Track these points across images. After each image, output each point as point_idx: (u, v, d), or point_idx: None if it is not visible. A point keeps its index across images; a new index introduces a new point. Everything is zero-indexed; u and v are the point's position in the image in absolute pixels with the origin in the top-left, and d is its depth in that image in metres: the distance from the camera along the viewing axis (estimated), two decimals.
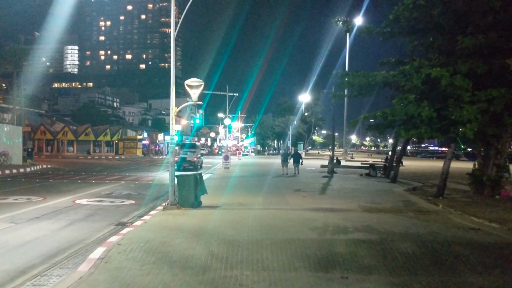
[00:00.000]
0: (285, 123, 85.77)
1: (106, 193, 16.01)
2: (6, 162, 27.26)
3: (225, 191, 15.96)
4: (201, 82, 11.39)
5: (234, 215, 10.44)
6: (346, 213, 11.02)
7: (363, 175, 25.77)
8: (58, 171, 27.99)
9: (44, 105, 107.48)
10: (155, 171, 30.00)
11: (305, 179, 22.51)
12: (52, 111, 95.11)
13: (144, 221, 9.71)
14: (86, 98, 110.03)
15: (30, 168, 27.46)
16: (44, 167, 29.92)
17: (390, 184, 20.60)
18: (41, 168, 29.16)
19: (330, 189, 17.12)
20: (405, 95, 15.74)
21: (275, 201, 13.23)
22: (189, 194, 11.42)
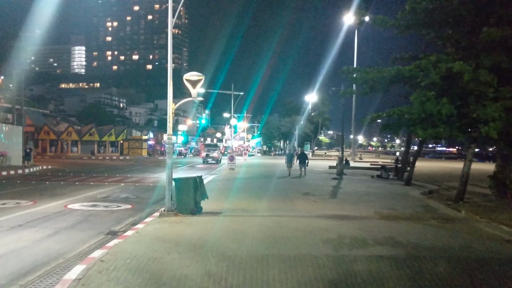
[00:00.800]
0: (291, 123, 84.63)
1: (103, 197, 15.02)
2: (4, 162, 26.44)
3: (229, 195, 14.89)
4: (201, 76, 10.34)
5: (237, 224, 9.36)
6: (362, 221, 9.90)
7: (375, 176, 24.58)
8: (57, 172, 27.11)
9: (51, 105, 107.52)
10: (158, 172, 29.02)
11: (313, 181, 21.38)
12: (58, 112, 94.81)
13: (136, 230, 8.68)
14: (92, 98, 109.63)
15: (29, 169, 26.60)
16: (44, 168, 29.06)
17: (405, 186, 19.42)
18: (40, 169, 28.29)
19: (341, 193, 15.98)
20: (423, 91, 14.63)
21: (282, 207, 12.13)
22: (188, 200, 10.37)
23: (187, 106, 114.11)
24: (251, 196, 14.67)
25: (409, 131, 17.99)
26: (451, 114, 13.52)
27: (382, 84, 16.95)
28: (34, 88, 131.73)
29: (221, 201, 13.11)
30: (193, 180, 10.43)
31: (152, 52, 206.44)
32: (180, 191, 10.40)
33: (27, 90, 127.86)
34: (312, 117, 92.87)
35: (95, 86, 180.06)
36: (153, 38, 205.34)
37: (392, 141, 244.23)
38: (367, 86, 17.43)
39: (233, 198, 13.89)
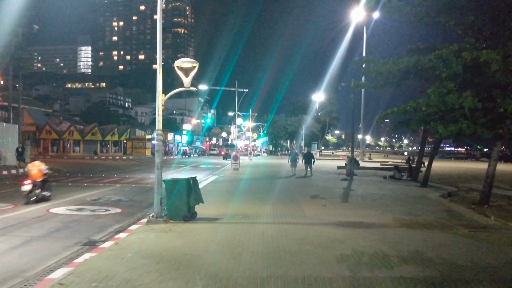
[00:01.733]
0: (298, 122, 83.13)
1: (92, 199, 13.79)
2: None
3: (229, 198, 13.58)
4: (195, 63, 9.05)
5: (235, 233, 8.03)
6: (381, 230, 8.53)
7: (387, 177, 23.14)
8: (54, 172, 25.95)
9: (56, 105, 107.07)
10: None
11: (322, 182, 20.01)
12: (64, 111, 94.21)
13: (116, 241, 7.40)
14: (97, 98, 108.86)
15: (24, 169, 25.43)
16: None
17: (421, 188, 17.99)
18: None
19: (354, 196, 14.59)
20: (443, 83, 13.22)
21: (288, 212, 10.78)
22: (180, 204, 9.08)
23: (192, 105, 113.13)
24: (254, 199, 13.35)
25: (427, 129, 16.57)
26: (475, 108, 12.14)
27: (397, 77, 15.56)
28: (40, 88, 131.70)
29: (221, 205, 11.81)
30: (186, 182, 9.13)
31: None
32: (171, 194, 9.11)
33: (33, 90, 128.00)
34: (320, 116, 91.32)
35: (101, 86, 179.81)
36: None
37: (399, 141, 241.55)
38: (381, 78, 16.06)
39: (234, 202, 12.58)
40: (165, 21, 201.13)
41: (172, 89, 9.83)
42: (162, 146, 9.25)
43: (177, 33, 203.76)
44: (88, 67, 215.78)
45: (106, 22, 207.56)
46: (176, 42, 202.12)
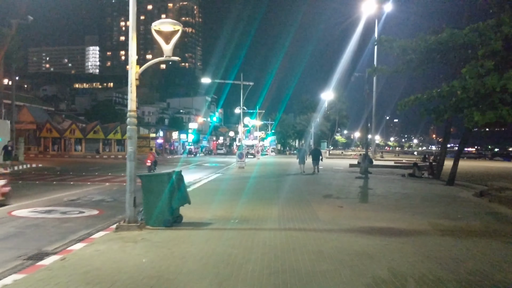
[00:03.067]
0: (307, 121, 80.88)
1: (71, 199, 11.94)
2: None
3: (228, 197, 11.64)
4: (178, 25, 7.12)
5: (227, 244, 6.06)
6: (419, 240, 6.50)
7: (406, 175, 21.01)
8: (45, 170, 24.28)
9: (62, 104, 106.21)
10: (160, 170, 25.95)
11: (334, 180, 17.96)
12: (70, 111, 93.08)
13: (65, 255, 5.48)
14: (103, 97, 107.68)
15: (13, 168, 23.73)
16: (32, 166, 26.30)
17: (447, 187, 15.87)
18: (27, 167, 25.54)
19: (373, 195, 12.52)
20: (479, 62, 11.16)
21: (298, 215, 8.77)
22: (161, 205, 7.14)
23: (199, 104, 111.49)
24: (257, 199, 11.38)
25: (449, 120, 14.46)
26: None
27: (423, 57, 13.49)
28: (48, 88, 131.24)
29: (216, 206, 9.87)
30: (168, 178, 7.19)
31: None
32: (149, 192, 7.19)
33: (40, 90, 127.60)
34: (329, 114, 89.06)
35: (109, 86, 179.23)
36: None
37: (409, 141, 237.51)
38: (403, 60, 14.02)
39: (234, 202, 10.61)
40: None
41: (180, 87, 7.84)
42: (135, 131, 7.31)
43: (185, 32, 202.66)
44: (96, 67, 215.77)
45: (114, 22, 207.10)
46: (184, 42, 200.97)
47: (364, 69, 25.10)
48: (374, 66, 14.22)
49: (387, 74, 14.30)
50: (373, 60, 36.17)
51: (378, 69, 14.23)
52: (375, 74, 14.07)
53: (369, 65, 24.29)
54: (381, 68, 14.37)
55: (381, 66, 14.41)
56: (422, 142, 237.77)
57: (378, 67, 14.26)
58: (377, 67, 14.24)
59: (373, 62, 25.91)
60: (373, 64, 25.07)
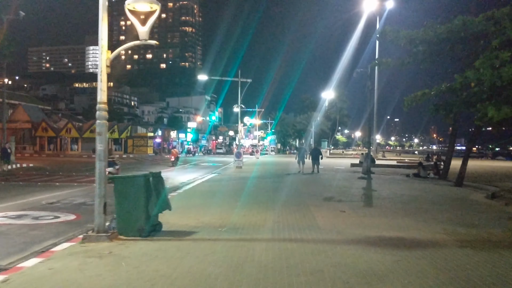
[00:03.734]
0: (307, 120, 79.87)
1: (49, 202, 10.98)
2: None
3: (221, 200, 10.67)
4: (155, 4, 6.14)
5: (209, 260, 5.07)
6: (437, 253, 5.52)
7: (411, 175, 20.04)
8: (35, 171, 23.34)
9: (61, 103, 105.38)
10: (152, 170, 25.00)
11: (335, 181, 16.98)
12: (68, 110, 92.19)
13: (9, 275, 4.51)
14: None
15: (2, 169, 22.79)
16: (22, 166, 25.34)
17: (456, 188, 14.88)
18: (18, 167, 24.58)
19: (378, 198, 11.53)
20: (494, 53, 10.18)
21: (295, 221, 7.79)
22: (136, 212, 6.17)
23: (199, 103, 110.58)
24: (252, 202, 10.40)
25: (467, 113, 13.49)
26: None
27: (431, 49, 12.51)
28: (47, 87, 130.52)
29: (205, 211, 8.89)
30: (144, 180, 6.21)
31: (166, 51, 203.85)
32: (123, 198, 6.22)
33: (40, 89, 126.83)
34: (330, 113, 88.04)
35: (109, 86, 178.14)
36: (166, 36, 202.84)
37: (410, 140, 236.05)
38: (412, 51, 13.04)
39: (225, 206, 9.65)
40: (173, 20, 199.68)
41: (180, 87, 6.86)
42: (106, 126, 6.31)
43: (185, 31, 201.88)
44: (96, 67, 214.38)
45: (114, 21, 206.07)
46: (184, 41, 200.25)
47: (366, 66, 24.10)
48: (378, 59, 13.22)
49: (392, 67, 13.33)
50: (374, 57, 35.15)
51: (382, 62, 13.25)
52: (379, 67, 13.10)
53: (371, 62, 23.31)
54: (386, 61, 13.39)
55: (385, 59, 13.43)
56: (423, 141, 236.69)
57: (383, 60, 13.29)
58: (381, 60, 13.27)
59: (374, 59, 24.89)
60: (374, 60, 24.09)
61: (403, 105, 12.98)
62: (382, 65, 13.18)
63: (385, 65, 13.22)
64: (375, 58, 25.39)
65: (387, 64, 13.33)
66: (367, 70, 23.12)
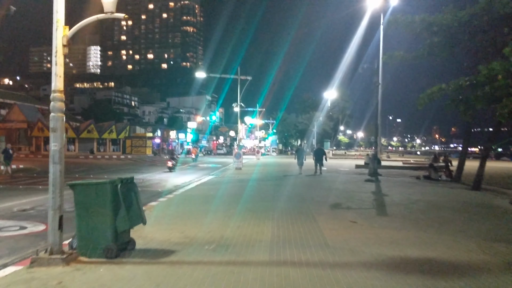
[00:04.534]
0: (309, 120, 78.64)
1: (22, 209, 9.80)
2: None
3: (214, 207, 9.43)
4: None
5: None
6: (479, 281, 4.28)
7: (421, 178, 18.78)
8: (23, 172, 22.21)
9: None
10: (148, 172, 23.82)
11: (341, 184, 15.73)
12: (68, 110, 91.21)
13: None
14: (102, 96, 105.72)
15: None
16: (12, 167, 24.17)
17: (474, 192, 13.60)
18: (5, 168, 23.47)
19: (392, 204, 10.26)
20: None
21: (298, 235, 6.55)
22: (100, 228, 4.96)
23: (199, 103, 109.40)
24: (249, 209, 9.16)
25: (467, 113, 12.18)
26: None
27: (450, 38, 11.26)
28: (48, 88, 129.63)
29: (194, 220, 7.66)
30: (110, 188, 4.98)
31: (167, 51, 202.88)
32: (85, 210, 5.01)
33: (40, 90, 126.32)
34: (332, 113, 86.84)
35: (110, 86, 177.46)
36: (168, 36, 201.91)
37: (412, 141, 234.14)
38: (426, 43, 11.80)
39: (219, 214, 8.41)
40: (174, 20, 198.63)
41: (181, 87, 5.63)
42: (62, 120, 5.04)
43: (186, 31, 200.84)
44: (97, 67, 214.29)
45: (115, 21, 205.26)
46: (185, 41, 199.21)
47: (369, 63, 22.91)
48: (390, 53, 11.99)
49: (406, 60, 12.10)
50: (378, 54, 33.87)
51: (395, 56, 12.00)
52: (392, 61, 11.87)
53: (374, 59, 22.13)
54: (398, 54, 12.14)
55: (398, 52, 12.18)
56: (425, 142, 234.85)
57: (395, 53, 12.03)
58: (393, 53, 12.03)
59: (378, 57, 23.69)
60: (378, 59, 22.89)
61: (417, 103, 11.75)
62: (395, 59, 11.94)
63: (398, 59, 11.98)
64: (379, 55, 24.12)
65: (400, 57, 12.09)
66: (373, 66, 21.93)
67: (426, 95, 11.41)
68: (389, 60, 12.02)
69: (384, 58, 11.96)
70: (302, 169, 21.28)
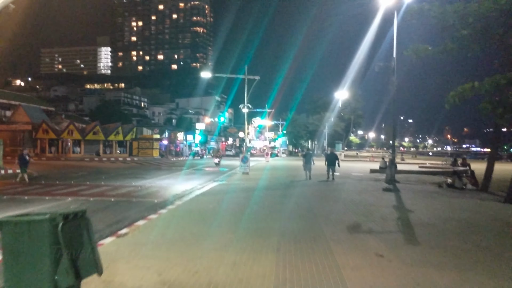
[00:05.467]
0: (320, 120, 76.95)
1: None
2: None
3: (209, 230, 8.00)
4: None
5: None
6: None
7: (444, 186, 17.16)
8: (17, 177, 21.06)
9: (71, 105, 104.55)
10: (153, 176, 22.56)
11: (357, 194, 14.18)
12: (77, 111, 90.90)
13: None
14: (111, 97, 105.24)
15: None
16: (8, 172, 23.23)
17: (509, 206, 11.97)
18: (3, 174, 22.49)
19: (420, 225, 8.67)
20: None
21: (311, 279, 5.08)
22: (34, 282, 3.56)
23: (208, 104, 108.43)
24: (250, 233, 7.71)
25: None
26: None
27: (489, 26, 9.69)
28: (58, 89, 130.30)
29: (180, 252, 6.23)
30: (49, 228, 3.57)
31: (177, 51, 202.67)
32: (14, 258, 3.61)
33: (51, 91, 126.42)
34: (343, 114, 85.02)
35: (120, 87, 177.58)
36: (178, 37, 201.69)
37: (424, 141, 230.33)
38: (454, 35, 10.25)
39: (212, 242, 6.98)
40: (184, 21, 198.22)
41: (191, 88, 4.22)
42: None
43: (196, 32, 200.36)
44: (107, 68, 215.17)
45: (125, 22, 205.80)
46: (195, 42, 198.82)
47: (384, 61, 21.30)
48: (414, 46, 10.47)
49: (432, 54, 10.57)
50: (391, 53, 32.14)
51: (420, 49, 10.47)
52: (417, 56, 10.35)
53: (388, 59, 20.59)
54: (423, 47, 10.60)
55: (423, 46, 10.65)
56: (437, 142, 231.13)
57: (420, 47, 10.50)
58: (418, 47, 10.49)
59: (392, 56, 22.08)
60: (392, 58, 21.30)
61: (446, 102, 10.20)
62: (419, 53, 10.42)
63: (422, 53, 10.46)
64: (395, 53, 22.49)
65: (424, 51, 10.56)
66: (388, 64, 20.37)
67: (456, 94, 9.88)
68: (413, 55, 10.50)
69: (405, 53, 10.52)
70: (311, 174, 20.42)
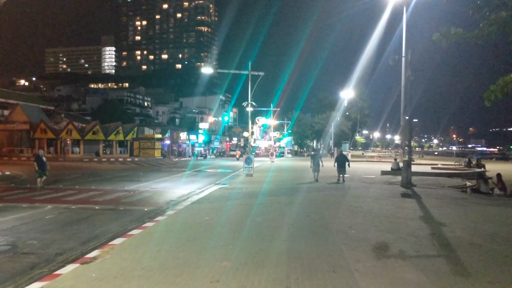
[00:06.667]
0: (325, 120, 75.26)
1: None
2: None
3: (202, 251, 6.46)
4: None
5: None
6: None
7: (468, 191, 15.54)
8: (5, 180, 19.75)
9: (74, 104, 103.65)
10: (150, 179, 21.08)
11: (374, 201, 12.56)
12: (80, 111, 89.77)
13: None
14: (115, 96, 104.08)
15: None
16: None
17: None
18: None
19: (460, 244, 7.08)
20: None
21: None
22: None
23: (212, 103, 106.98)
24: (251, 259, 6.16)
25: None
26: None
27: None
28: (62, 88, 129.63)
29: (169, 280, 4.69)
30: None
31: (181, 51, 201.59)
32: None
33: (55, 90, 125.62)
34: (350, 113, 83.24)
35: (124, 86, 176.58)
36: (182, 36, 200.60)
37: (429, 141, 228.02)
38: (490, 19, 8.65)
39: (199, 275, 5.44)
40: (188, 20, 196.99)
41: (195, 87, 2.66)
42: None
43: (201, 31, 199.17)
44: (112, 68, 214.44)
45: (130, 21, 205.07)
46: (199, 41, 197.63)
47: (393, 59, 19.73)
48: (445, 30, 8.91)
49: (466, 39, 8.98)
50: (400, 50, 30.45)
51: (453, 34, 8.88)
52: (447, 42, 8.83)
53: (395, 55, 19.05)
54: (457, 31, 9.00)
55: (455, 29, 9.06)
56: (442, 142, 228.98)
57: (452, 30, 8.93)
58: (448, 31, 8.93)
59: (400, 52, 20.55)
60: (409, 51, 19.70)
61: (484, 98, 8.63)
62: (453, 38, 8.86)
63: (456, 37, 8.89)
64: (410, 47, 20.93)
65: (458, 36, 8.96)
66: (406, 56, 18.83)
67: (498, 88, 8.28)
68: (443, 40, 8.95)
69: (434, 38, 8.98)
70: (319, 176, 19.58)
